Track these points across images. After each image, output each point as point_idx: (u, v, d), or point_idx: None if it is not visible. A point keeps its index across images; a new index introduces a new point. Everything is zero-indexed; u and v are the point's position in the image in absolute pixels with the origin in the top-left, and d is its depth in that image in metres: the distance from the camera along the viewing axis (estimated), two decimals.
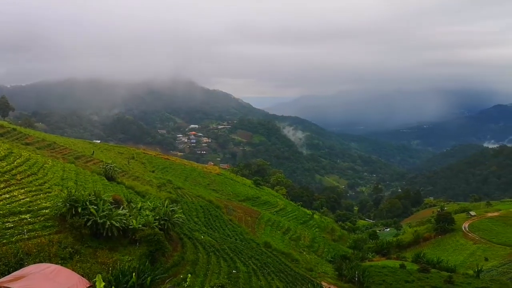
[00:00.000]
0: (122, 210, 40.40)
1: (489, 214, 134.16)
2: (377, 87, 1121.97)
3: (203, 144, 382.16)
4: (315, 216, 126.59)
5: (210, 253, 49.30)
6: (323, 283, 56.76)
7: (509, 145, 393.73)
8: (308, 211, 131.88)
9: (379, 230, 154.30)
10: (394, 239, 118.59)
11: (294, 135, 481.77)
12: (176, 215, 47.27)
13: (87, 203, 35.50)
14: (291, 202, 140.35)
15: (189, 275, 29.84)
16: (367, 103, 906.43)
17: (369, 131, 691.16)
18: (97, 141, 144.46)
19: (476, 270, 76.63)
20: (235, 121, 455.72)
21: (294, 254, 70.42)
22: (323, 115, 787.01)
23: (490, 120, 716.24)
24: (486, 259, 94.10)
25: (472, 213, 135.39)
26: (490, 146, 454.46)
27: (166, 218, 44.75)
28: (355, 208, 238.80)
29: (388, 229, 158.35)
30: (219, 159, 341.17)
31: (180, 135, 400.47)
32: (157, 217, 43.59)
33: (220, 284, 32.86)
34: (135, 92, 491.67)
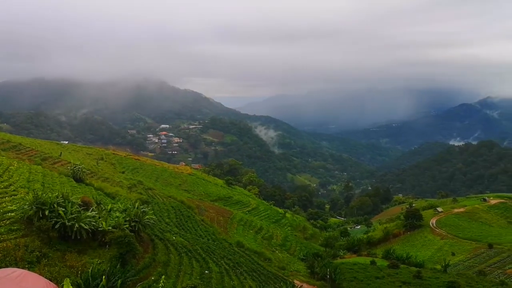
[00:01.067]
0: (91, 212, 39.59)
1: (455, 210, 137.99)
2: (348, 86, 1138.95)
3: (174, 144, 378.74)
4: (287, 215, 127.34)
5: (182, 254, 48.91)
6: (296, 282, 57.11)
7: (474, 142, 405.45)
8: (280, 210, 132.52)
9: (350, 228, 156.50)
10: (365, 236, 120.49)
11: (266, 134, 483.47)
12: (147, 216, 46.69)
13: (55, 205, 34.65)
14: (263, 201, 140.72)
15: (163, 276, 29.49)
16: (338, 102, 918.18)
17: (340, 130, 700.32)
18: (64, 142, 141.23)
19: (443, 264, 78.75)
20: (206, 121, 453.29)
21: (266, 253, 70.64)
22: (295, 114, 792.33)
23: (456, 118, 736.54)
24: (453, 254, 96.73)
25: (439, 209, 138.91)
26: (456, 144, 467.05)
27: (136, 219, 44.13)
28: (326, 206, 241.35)
29: (359, 227, 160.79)
30: (190, 159, 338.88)
31: (150, 136, 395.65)
32: (128, 219, 42.94)
33: (192, 285, 32.65)
34: (104, 92, 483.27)
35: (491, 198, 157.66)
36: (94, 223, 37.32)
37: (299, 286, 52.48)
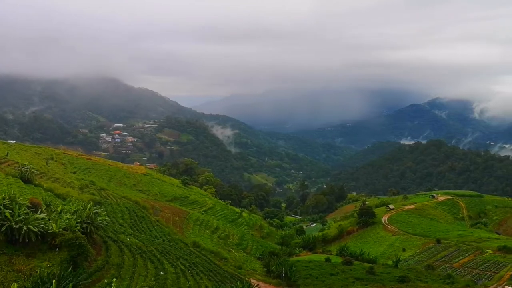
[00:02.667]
0: (40, 214, 38.21)
1: (406, 207, 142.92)
2: (304, 86, 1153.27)
3: (128, 144, 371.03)
4: (243, 214, 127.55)
5: (137, 256, 48.00)
6: (252, 280, 57.30)
7: (423, 141, 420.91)
8: (236, 210, 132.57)
9: (306, 226, 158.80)
10: (320, 233, 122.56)
11: (223, 133, 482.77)
12: (100, 218, 45.54)
13: (1, 207, 33.18)
14: (219, 201, 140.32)
15: (114, 279, 28.83)
16: (294, 102, 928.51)
17: (296, 130, 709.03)
18: (11, 141, 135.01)
19: (394, 260, 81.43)
20: (162, 120, 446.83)
21: (223, 252, 70.48)
22: (252, 114, 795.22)
23: (406, 118, 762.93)
24: (404, 250, 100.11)
25: (391, 206, 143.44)
26: (407, 143, 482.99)
27: (89, 221, 42.94)
28: (282, 205, 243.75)
29: (314, 224, 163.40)
30: (145, 158, 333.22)
31: (103, 135, 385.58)
32: (79, 220, 41.73)
33: (147, 287, 32.16)
34: (54, 90, 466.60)
35: (439, 195, 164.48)
36: (44, 226, 36.04)
37: (255, 285, 52.67)
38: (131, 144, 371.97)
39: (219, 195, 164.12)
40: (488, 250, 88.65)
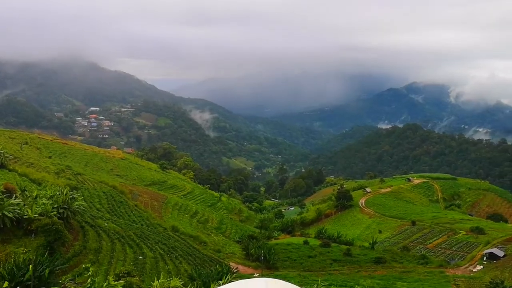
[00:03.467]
0: (15, 199, 37.55)
1: (383, 190, 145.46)
2: (283, 70, 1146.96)
3: (105, 128, 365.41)
4: (222, 198, 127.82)
5: (115, 240, 47.75)
6: (231, 264, 57.72)
7: (400, 125, 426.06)
8: (215, 194, 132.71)
9: (284, 209, 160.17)
10: (298, 217, 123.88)
11: (201, 117, 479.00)
12: (77, 203, 45.04)
13: None
14: (198, 185, 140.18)
15: (90, 266, 28.60)
16: (273, 86, 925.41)
17: (275, 114, 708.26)
18: None
19: (371, 242, 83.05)
20: (139, 104, 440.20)
21: (202, 236, 70.66)
22: (230, 97, 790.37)
23: (384, 103, 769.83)
24: (380, 232, 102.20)
25: (368, 189, 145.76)
26: (384, 127, 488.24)
27: (65, 206, 42.43)
28: (261, 189, 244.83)
29: (292, 208, 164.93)
30: (122, 143, 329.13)
31: (79, 119, 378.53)
32: (56, 206, 41.19)
33: (125, 271, 32.04)
34: (27, 73, 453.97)
35: (415, 178, 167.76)
36: (19, 211, 35.48)
37: (234, 268, 53.06)
38: (108, 128, 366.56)
39: (198, 180, 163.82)
40: (461, 231, 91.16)
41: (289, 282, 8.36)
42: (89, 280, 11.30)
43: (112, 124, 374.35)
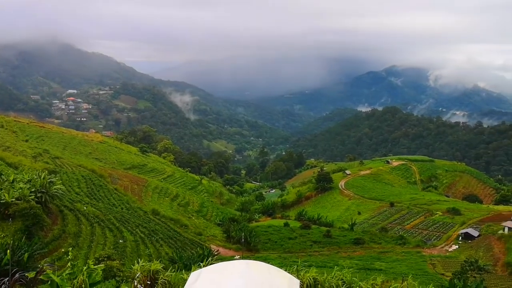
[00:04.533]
0: None
1: (362, 172, 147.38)
2: (263, 53, 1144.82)
3: (83, 111, 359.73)
4: (203, 181, 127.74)
5: (94, 224, 47.38)
6: (212, 246, 57.98)
7: (380, 108, 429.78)
8: (196, 177, 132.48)
9: (265, 192, 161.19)
10: (279, 199, 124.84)
11: (181, 100, 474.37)
12: (55, 187, 44.43)
13: None
14: (179, 168, 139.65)
15: (71, 248, 28.35)
16: (254, 69, 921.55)
17: (256, 97, 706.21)
18: None
19: (350, 223, 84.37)
20: (118, 86, 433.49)
21: (183, 219, 70.67)
22: (211, 80, 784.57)
23: (364, 85, 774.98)
24: (359, 213, 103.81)
25: (348, 172, 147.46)
26: (364, 109, 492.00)
27: (43, 190, 41.81)
28: (242, 171, 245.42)
29: (273, 190, 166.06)
30: (101, 126, 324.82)
31: (56, 101, 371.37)
32: (33, 190, 40.55)
33: (105, 255, 31.79)
34: (2, 55, 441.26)
35: (394, 160, 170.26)
36: None
37: (215, 250, 53.32)
38: (86, 111, 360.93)
39: (178, 163, 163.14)
40: (437, 212, 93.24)
41: (270, 263, 8.39)
42: (68, 264, 11.11)
43: (90, 107, 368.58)
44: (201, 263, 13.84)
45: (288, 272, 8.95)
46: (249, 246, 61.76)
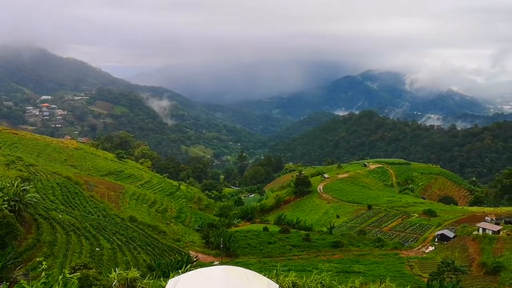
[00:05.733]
0: None
1: (340, 176, 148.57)
2: (241, 57, 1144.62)
3: (58, 117, 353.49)
4: (181, 187, 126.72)
5: (70, 233, 46.48)
6: (191, 252, 57.52)
7: (356, 112, 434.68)
8: (174, 183, 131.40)
9: (244, 197, 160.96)
10: (258, 204, 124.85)
11: (159, 105, 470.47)
12: (29, 195, 43.47)
13: None
14: (156, 174, 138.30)
15: (42, 258, 27.72)
16: (232, 73, 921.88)
17: (234, 101, 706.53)
18: None
19: (329, 227, 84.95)
20: (93, 92, 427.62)
21: (161, 226, 69.91)
22: (188, 85, 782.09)
23: (341, 90, 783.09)
24: (338, 216, 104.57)
25: (326, 175, 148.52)
26: (341, 113, 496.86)
27: (17, 198, 40.84)
28: (221, 176, 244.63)
29: (252, 195, 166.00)
30: (76, 132, 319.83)
31: (30, 108, 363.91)
32: (6, 198, 39.54)
33: (82, 264, 31.16)
34: None
35: (371, 163, 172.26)
36: None
37: (194, 256, 52.90)
38: (61, 117, 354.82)
39: (156, 169, 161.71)
40: (414, 214, 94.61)
41: (249, 268, 8.35)
42: (43, 273, 10.86)
43: (65, 113, 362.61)
44: (179, 270, 13.72)
45: (268, 277, 8.93)
46: (228, 252, 61.51)
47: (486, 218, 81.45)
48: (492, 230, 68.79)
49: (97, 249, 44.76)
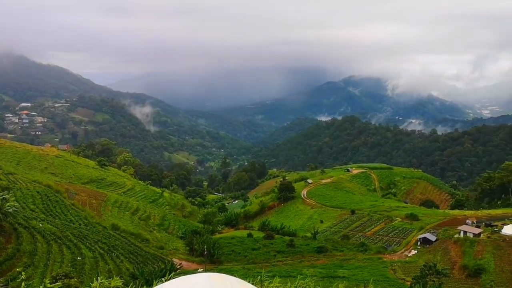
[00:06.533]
0: None
1: (323, 181, 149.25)
2: (224, 64, 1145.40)
3: (38, 124, 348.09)
4: (164, 194, 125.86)
5: (51, 242, 45.69)
6: (175, 260, 57.04)
7: (339, 117, 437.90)
8: (157, 190, 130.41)
9: (228, 203, 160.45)
10: (242, 210, 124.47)
11: (141, 112, 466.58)
12: (8, 204, 42.65)
13: None
14: (139, 181, 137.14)
15: (21, 270, 27.18)
16: (214, 79, 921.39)
17: (217, 108, 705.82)
18: None
19: (313, 232, 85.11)
20: (74, 99, 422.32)
21: (144, 234, 69.21)
22: (171, 91, 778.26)
23: (323, 95, 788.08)
24: (322, 221, 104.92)
25: (310, 180, 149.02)
26: (324, 119, 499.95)
27: None
28: (204, 183, 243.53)
29: (236, 201, 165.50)
30: (57, 140, 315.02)
31: (9, 115, 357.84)
32: None
33: (63, 273, 30.68)
34: None
35: (354, 168, 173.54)
36: None
37: (178, 264, 52.45)
38: (41, 124, 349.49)
39: (138, 176, 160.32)
40: (397, 218, 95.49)
41: (233, 275, 8.27)
42: (23, 284, 10.62)
43: (46, 120, 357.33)
44: (163, 278, 13.52)
45: (252, 284, 8.85)
46: (212, 259, 61.15)
47: (467, 221, 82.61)
48: (473, 233, 69.81)
49: (78, 258, 44.07)
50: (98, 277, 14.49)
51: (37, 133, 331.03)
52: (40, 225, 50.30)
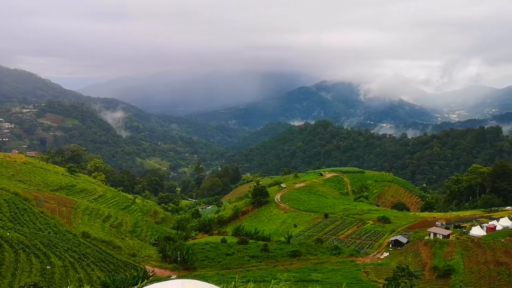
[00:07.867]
0: None
1: (297, 185, 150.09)
2: (197, 68, 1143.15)
3: (5, 130, 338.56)
4: (137, 200, 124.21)
5: (19, 251, 44.38)
6: (147, 267, 56.21)
7: (312, 122, 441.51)
8: (129, 196, 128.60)
9: (202, 208, 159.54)
10: (216, 215, 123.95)
11: (112, 117, 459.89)
12: None
13: None
14: (111, 188, 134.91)
15: None
16: (187, 84, 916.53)
17: (190, 113, 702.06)
18: None
19: (287, 236, 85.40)
20: (43, 104, 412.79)
21: (115, 241, 67.99)
22: (142, 96, 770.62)
23: (296, 100, 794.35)
24: (295, 226, 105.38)
25: (283, 185, 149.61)
26: (298, 123, 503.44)
27: None
28: (178, 189, 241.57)
29: (210, 207, 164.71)
30: (25, 146, 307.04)
31: None
32: None
33: (31, 283, 29.85)
34: None
35: (327, 172, 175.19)
36: None
37: (150, 271, 51.70)
38: (8, 130, 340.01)
39: (110, 182, 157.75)
40: (369, 221, 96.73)
41: (207, 281, 8.19)
42: None
43: (13, 126, 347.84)
44: (135, 286, 13.31)
45: None
46: (186, 265, 60.56)
47: (437, 223, 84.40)
48: (443, 235, 71.31)
49: (48, 267, 42.93)
50: (68, 286, 14.16)
51: (3, 139, 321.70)
52: (8, 233, 48.82)
